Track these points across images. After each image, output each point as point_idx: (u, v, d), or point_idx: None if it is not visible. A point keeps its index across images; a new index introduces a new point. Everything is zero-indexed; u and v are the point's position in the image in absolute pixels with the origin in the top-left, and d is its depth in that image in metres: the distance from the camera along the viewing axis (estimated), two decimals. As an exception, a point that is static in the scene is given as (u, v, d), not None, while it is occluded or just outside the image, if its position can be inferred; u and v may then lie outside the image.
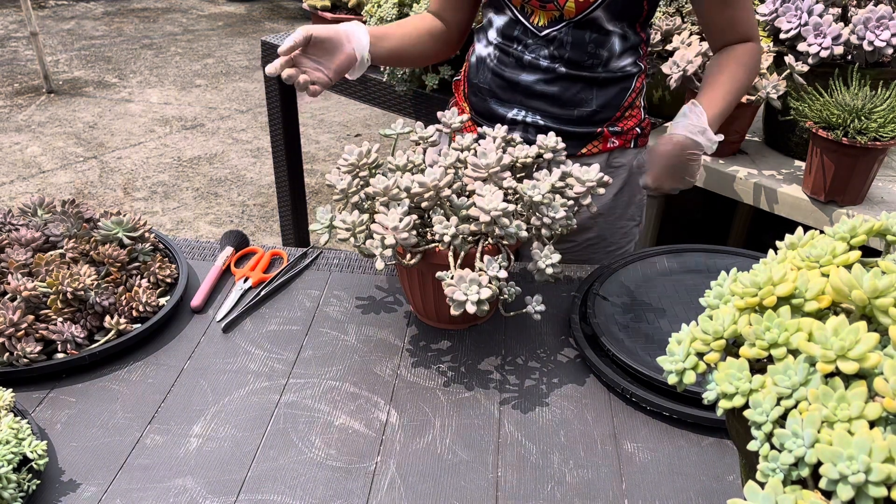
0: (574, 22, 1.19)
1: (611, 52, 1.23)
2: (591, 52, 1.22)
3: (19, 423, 0.80)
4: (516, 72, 1.26)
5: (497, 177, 1.01)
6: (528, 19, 1.22)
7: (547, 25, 1.21)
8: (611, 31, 1.21)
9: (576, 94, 1.25)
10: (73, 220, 1.12)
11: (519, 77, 1.26)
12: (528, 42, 1.24)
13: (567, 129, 1.26)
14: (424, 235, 1.00)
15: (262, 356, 1.03)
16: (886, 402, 0.50)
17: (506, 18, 1.25)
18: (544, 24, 1.21)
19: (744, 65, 1.23)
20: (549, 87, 1.25)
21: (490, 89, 1.30)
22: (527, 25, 1.23)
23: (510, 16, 1.25)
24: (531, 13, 1.22)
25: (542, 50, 1.23)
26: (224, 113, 4.49)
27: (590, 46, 1.22)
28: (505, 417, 0.93)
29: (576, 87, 1.25)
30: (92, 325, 1.01)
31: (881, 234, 0.65)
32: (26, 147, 3.98)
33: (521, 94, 1.27)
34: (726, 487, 0.83)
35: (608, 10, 1.18)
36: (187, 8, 6.64)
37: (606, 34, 1.21)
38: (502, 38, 1.27)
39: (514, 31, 1.25)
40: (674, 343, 0.66)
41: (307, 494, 0.82)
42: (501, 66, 1.28)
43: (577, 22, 1.19)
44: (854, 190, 1.46)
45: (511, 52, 1.26)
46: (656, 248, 1.20)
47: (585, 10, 1.17)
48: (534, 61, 1.24)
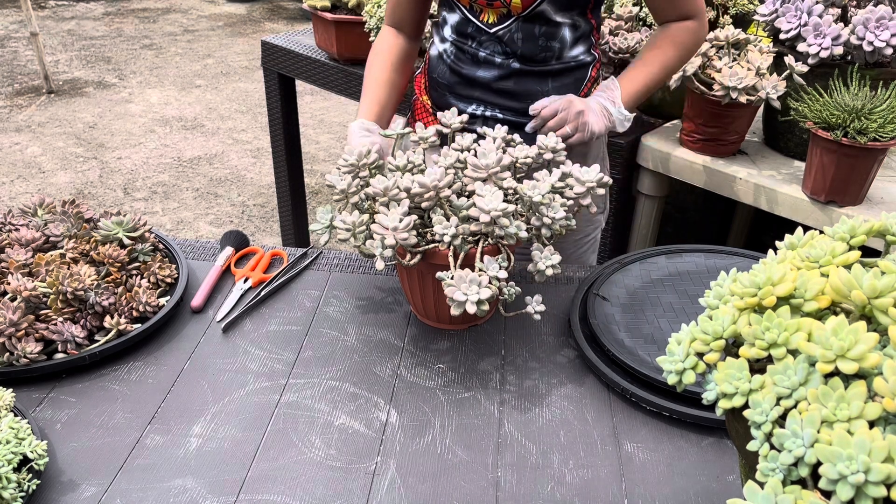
0: (522, 17, 1.21)
1: (562, 43, 1.24)
2: (543, 45, 1.23)
3: (19, 423, 0.80)
4: (472, 68, 1.27)
5: (497, 177, 1.01)
6: (478, 17, 1.24)
7: (496, 22, 1.22)
8: (560, 23, 1.22)
9: (532, 88, 1.26)
10: (73, 220, 1.12)
11: (475, 73, 1.27)
12: (482, 39, 1.25)
13: (527, 122, 1.27)
14: (424, 236, 1.00)
15: (262, 356, 1.03)
16: (886, 402, 0.50)
17: (458, 16, 1.27)
18: (493, 21, 1.22)
19: (678, 43, 1.26)
20: (505, 83, 1.27)
21: (448, 84, 1.31)
22: (477, 23, 1.24)
23: (461, 14, 1.26)
24: (480, 11, 1.23)
25: (495, 46, 1.25)
26: (224, 113, 4.49)
27: (541, 40, 1.23)
28: (505, 417, 0.93)
29: (531, 81, 1.26)
30: (92, 325, 1.01)
31: (881, 234, 0.65)
32: (26, 147, 3.98)
33: (479, 90, 1.29)
34: (726, 487, 0.83)
35: (554, 3, 1.19)
36: (187, 8, 6.64)
37: (556, 26, 1.22)
38: (457, 35, 1.28)
39: (468, 29, 1.26)
40: (673, 343, 0.66)
41: (307, 494, 0.82)
42: (458, 62, 1.29)
43: (526, 17, 1.21)
44: (854, 190, 1.46)
45: (466, 49, 1.27)
46: (656, 249, 1.21)
47: (532, 5, 1.18)
48: (489, 57, 1.25)
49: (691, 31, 1.26)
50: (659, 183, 1.81)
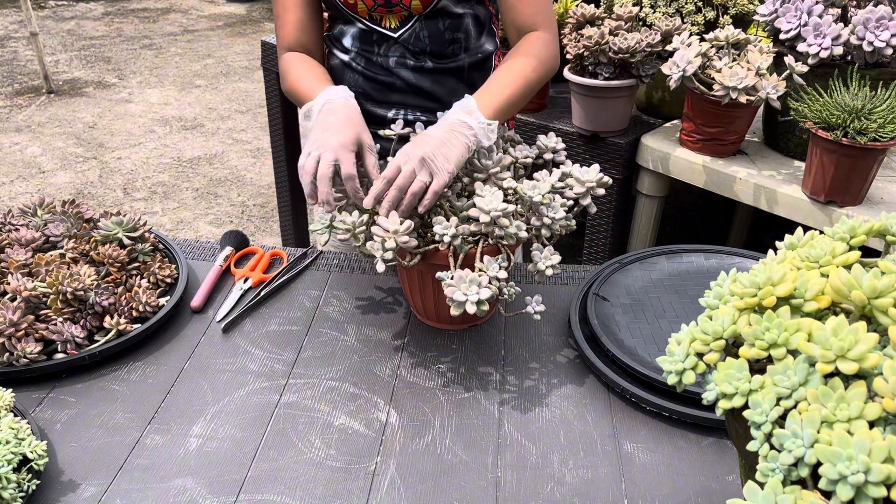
0: (424, 15, 1.20)
1: (468, 34, 1.24)
2: (450, 38, 1.23)
3: (19, 423, 0.80)
4: (387, 73, 1.25)
5: (497, 177, 1.01)
6: (380, 24, 1.22)
7: (399, 25, 1.21)
8: (462, 14, 1.22)
9: (451, 86, 1.25)
10: (73, 220, 1.12)
11: (391, 78, 1.26)
12: (388, 44, 1.23)
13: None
14: (424, 236, 1.00)
15: (262, 356, 1.03)
16: (886, 403, 0.50)
17: (356, 28, 1.24)
18: (396, 25, 1.21)
19: (532, 54, 1.17)
20: (422, 84, 1.25)
21: (364, 92, 1.28)
22: (380, 30, 1.22)
23: (360, 26, 1.23)
24: (380, 18, 1.21)
25: (402, 50, 1.23)
26: (224, 113, 4.49)
27: (447, 34, 1.22)
28: (505, 417, 0.93)
29: (448, 79, 1.26)
30: (92, 325, 1.01)
31: (881, 234, 0.65)
32: (26, 147, 3.98)
33: (397, 94, 1.27)
34: (726, 487, 0.83)
35: None
36: (187, 8, 6.64)
37: (458, 17, 1.22)
38: (361, 44, 1.25)
39: (372, 37, 1.24)
40: (673, 343, 0.66)
41: (307, 494, 0.82)
42: (371, 68, 1.26)
43: (428, 14, 1.20)
44: (854, 190, 1.46)
45: (375, 57, 1.25)
46: (656, 249, 1.21)
47: (432, 3, 1.18)
48: (401, 60, 1.24)
49: (545, 43, 1.19)
50: (659, 183, 1.81)
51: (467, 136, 1.02)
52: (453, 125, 1.03)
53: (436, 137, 1.01)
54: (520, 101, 1.14)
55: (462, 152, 1.01)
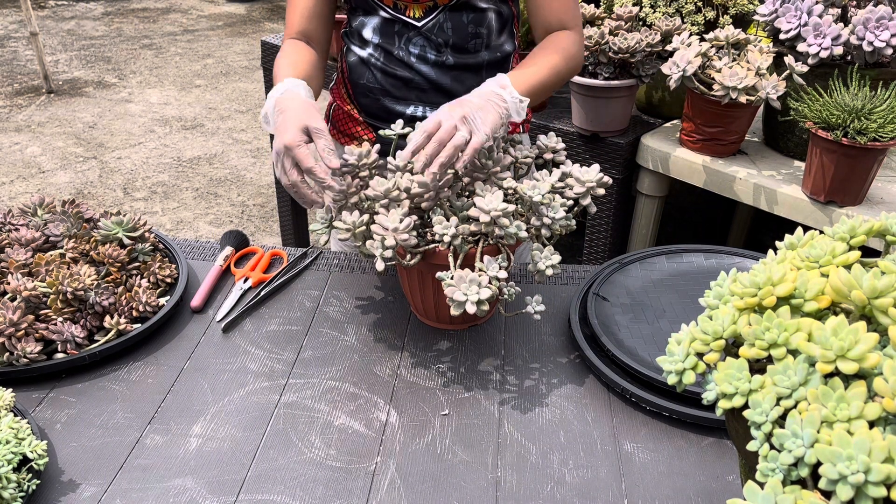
0: (450, 7, 1.21)
1: (490, 30, 1.25)
2: (473, 32, 1.23)
3: (19, 423, 0.80)
4: (407, 68, 1.26)
5: (497, 177, 1.01)
6: (404, 14, 1.22)
7: (424, 15, 1.22)
8: (486, 9, 1.23)
9: (470, 83, 1.24)
10: (73, 220, 1.12)
11: (411, 74, 1.26)
12: (410, 35, 1.24)
13: None
14: (424, 236, 1.00)
15: (262, 356, 1.03)
16: (886, 403, 0.50)
17: (379, 19, 1.24)
18: (420, 14, 1.22)
19: (562, 49, 1.20)
20: (442, 80, 1.26)
21: (382, 88, 1.28)
22: (404, 20, 1.23)
23: (384, 15, 1.24)
24: (405, 8, 1.22)
25: (425, 41, 1.23)
26: (224, 113, 4.49)
27: (470, 27, 1.23)
28: (505, 417, 0.93)
29: (468, 76, 1.26)
30: (92, 325, 1.01)
31: (881, 234, 0.65)
32: (26, 147, 3.98)
33: (417, 90, 1.27)
34: (726, 487, 0.83)
35: None
36: (187, 8, 6.64)
37: (482, 11, 1.23)
38: (381, 38, 1.25)
39: (394, 28, 1.24)
40: (673, 343, 0.66)
41: (307, 494, 0.82)
42: (390, 64, 1.26)
43: (453, 6, 1.21)
44: (853, 190, 1.46)
45: (395, 51, 1.25)
46: (656, 249, 1.21)
47: None
48: (422, 55, 1.24)
49: (573, 41, 1.22)
50: (659, 183, 1.81)
51: (501, 107, 1.05)
52: (489, 95, 1.06)
53: (473, 102, 1.04)
54: (549, 87, 1.17)
55: (496, 120, 1.03)
